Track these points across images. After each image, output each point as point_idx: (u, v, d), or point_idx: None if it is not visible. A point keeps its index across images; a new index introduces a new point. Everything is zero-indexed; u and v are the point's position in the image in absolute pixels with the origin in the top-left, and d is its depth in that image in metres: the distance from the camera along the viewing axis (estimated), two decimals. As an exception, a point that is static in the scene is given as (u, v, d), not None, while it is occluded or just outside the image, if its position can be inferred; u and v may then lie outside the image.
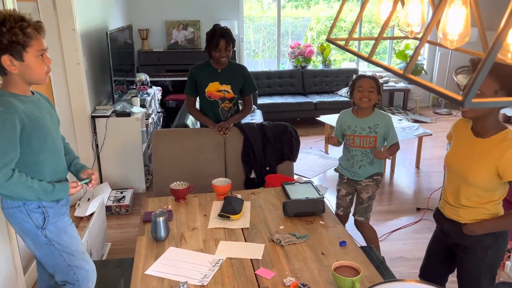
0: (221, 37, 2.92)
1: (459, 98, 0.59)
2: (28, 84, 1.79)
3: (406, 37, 1.07)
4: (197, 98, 3.23)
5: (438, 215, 2.06)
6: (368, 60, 0.91)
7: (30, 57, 1.70)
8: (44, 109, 1.85)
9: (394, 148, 2.73)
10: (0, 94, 1.71)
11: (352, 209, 2.89)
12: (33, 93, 1.85)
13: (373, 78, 2.65)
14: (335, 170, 2.97)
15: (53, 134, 1.86)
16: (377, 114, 2.68)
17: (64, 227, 1.91)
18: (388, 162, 4.85)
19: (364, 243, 2.90)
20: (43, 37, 1.74)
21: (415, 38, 1.21)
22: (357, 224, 2.86)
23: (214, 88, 3.08)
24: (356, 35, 6.08)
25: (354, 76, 2.91)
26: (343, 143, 2.83)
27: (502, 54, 0.74)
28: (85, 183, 1.98)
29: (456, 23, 0.83)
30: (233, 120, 3.11)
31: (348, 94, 2.79)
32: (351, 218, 2.94)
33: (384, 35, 1.09)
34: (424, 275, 2.23)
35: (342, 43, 1.27)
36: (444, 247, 2.08)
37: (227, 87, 3.08)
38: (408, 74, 0.74)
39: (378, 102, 2.66)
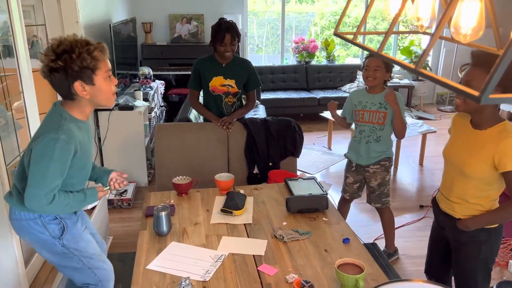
0: (226, 31, 2.88)
1: (476, 93, 0.57)
2: (92, 109, 1.81)
3: (417, 32, 1.04)
4: (201, 93, 3.21)
5: (435, 206, 2.07)
6: (378, 54, 0.88)
7: (100, 80, 1.72)
8: (92, 136, 1.89)
9: (400, 118, 2.66)
10: (64, 118, 1.71)
11: (366, 198, 2.94)
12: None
13: (390, 93, 2.64)
14: (345, 155, 2.99)
15: (90, 161, 1.89)
16: (391, 93, 2.66)
17: (79, 234, 1.90)
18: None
19: (367, 241, 2.89)
20: (107, 58, 1.76)
21: (425, 33, 1.19)
22: (377, 210, 2.91)
23: (218, 83, 3.05)
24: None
25: (359, 72, 2.92)
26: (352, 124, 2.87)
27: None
28: (109, 188, 2.01)
29: (469, 17, 0.81)
30: (236, 115, 3.09)
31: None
32: (355, 201, 3.01)
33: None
34: (429, 271, 2.24)
35: (349, 37, 1.25)
36: (442, 241, 2.09)
37: (231, 82, 3.06)
38: (420, 69, 0.71)
39: (389, 79, 2.67)
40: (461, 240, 1.93)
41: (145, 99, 4.48)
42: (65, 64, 1.63)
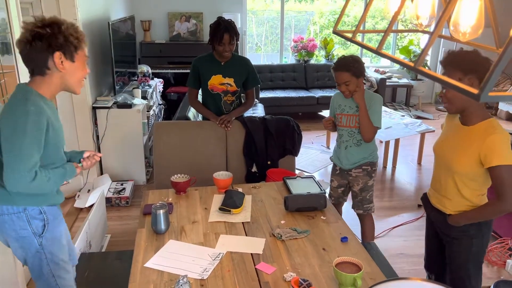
0: (225, 31, 2.87)
1: (475, 91, 0.56)
2: (60, 90, 1.78)
3: (416, 30, 1.04)
4: (199, 91, 3.20)
5: (426, 202, 2.12)
6: (377, 52, 0.88)
7: (79, 60, 1.74)
8: (58, 118, 1.84)
9: (363, 114, 2.54)
10: (29, 92, 1.67)
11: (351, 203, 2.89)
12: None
13: (346, 67, 2.50)
14: (330, 158, 2.96)
15: (63, 143, 1.85)
16: (366, 94, 2.58)
17: (59, 236, 1.86)
18: (390, 158, 4.83)
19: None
20: (86, 46, 1.79)
21: (424, 32, 1.19)
22: (358, 216, 2.86)
23: (217, 81, 3.04)
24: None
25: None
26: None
27: None
28: (81, 166, 1.93)
29: (469, 15, 0.80)
30: (235, 114, 3.09)
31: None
32: (345, 208, 2.96)
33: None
34: (428, 266, 2.28)
35: (348, 35, 1.25)
36: (437, 236, 2.13)
37: (230, 80, 3.05)
38: (420, 67, 0.71)
39: (365, 82, 2.61)
40: (453, 235, 1.97)
41: (144, 97, 4.47)
42: (52, 32, 1.64)
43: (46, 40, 1.64)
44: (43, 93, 1.71)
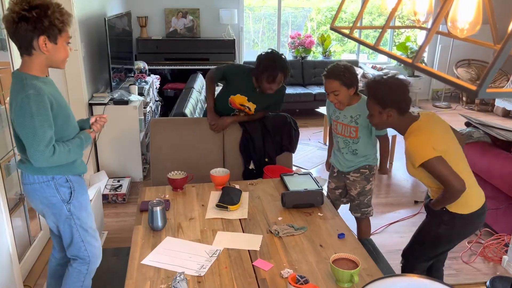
0: (280, 70, 2.67)
1: (473, 88, 0.56)
2: (48, 67, 1.87)
3: (414, 26, 1.04)
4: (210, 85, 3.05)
5: (427, 196, 2.26)
6: (374, 48, 0.88)
7: (62, 42, 1.81)
8: (58, 89, 1.94)
9: (384, 145, 2.66)
10: (24, 78, 1.77)
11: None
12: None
13: (336, 76, 2.41)
14: (331, 161, 2.95)
15: (71, 112, 1.97)
16: (362, 102, 2.47)
17: (85, 203, 2.04)
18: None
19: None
20: (70, 27, 1.87)
21: (421, 28, 1.18)
22: (355, 218, 2.84)
23: (239, 100, 2.94)
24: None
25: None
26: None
27: None
28: (93, 130, 2.09)
29: (467, 11, 0.80)
30: (234, 121, 3.02)
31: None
32: (342, 208, 2.95)
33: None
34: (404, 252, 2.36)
35: (345, 31, 1.24)
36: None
37: (252, 106, 2.96)
38: (417, 63, 0.71)
39: (361, 80, 2.58)
40: (430, 214, 2.14)
41: (140, 94, 4.45)
42: (38, 16, 1.70)
43: (31, 23, 1.71)
44: (35, 73, 1.82)
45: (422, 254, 2.17)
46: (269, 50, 2.80)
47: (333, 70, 2.44)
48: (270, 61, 2.71)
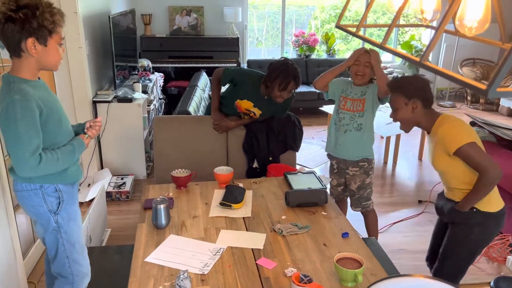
0: (293, 79, 2.67)
1: (483, 87, 0.55)
2: (39, 69, 1.77)
3: (421, 25, 1.03)
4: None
5: (441, 196, 2.20)
6: (381, 46, 0.87)
7: (52, 43, 1.71)
8: (51, 92, 1.85)
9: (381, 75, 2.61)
10: (12, 81, 1.67)
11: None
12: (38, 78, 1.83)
13: (373, 51, 2.62)
14: (328, 156, 2.94)
15: (65, 116, 1.87)
16: (372, 84, 2.66)
17: (74, 215, 1.92)
18: (391, 153, 4.81)
19: (366, 235, 2.89)
20: (63, 27, 1.76)
21: (428, 26, 1.17)
22: (361, 213, 2.89)
23: (245, 105, 2.92)
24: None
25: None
26: (333, 112, 2.78)
27: None
28: (88, 136, 1.94)
29: (475, 9, 0.79)
30: (237, 125, 3.02)
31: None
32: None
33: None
34: (430, 257, 2.34)
35: (351, 29, 1.23)
36: (443, 232, 2.19)
37: (258, 112, 2.95)
38: (425, 61, 0.70)
39: (375, 78, 2.60)
40: (457, 220, 2.05)
41: (144, 92, 4.45)
42: (26, 17, 1.60)
43: (19, 24, 1.60)
44: (24, 76, 1.70)
45: (462, 269, 2.10)
46: (282, 58, 2.78)
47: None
48: (283, 69, 2.68)
